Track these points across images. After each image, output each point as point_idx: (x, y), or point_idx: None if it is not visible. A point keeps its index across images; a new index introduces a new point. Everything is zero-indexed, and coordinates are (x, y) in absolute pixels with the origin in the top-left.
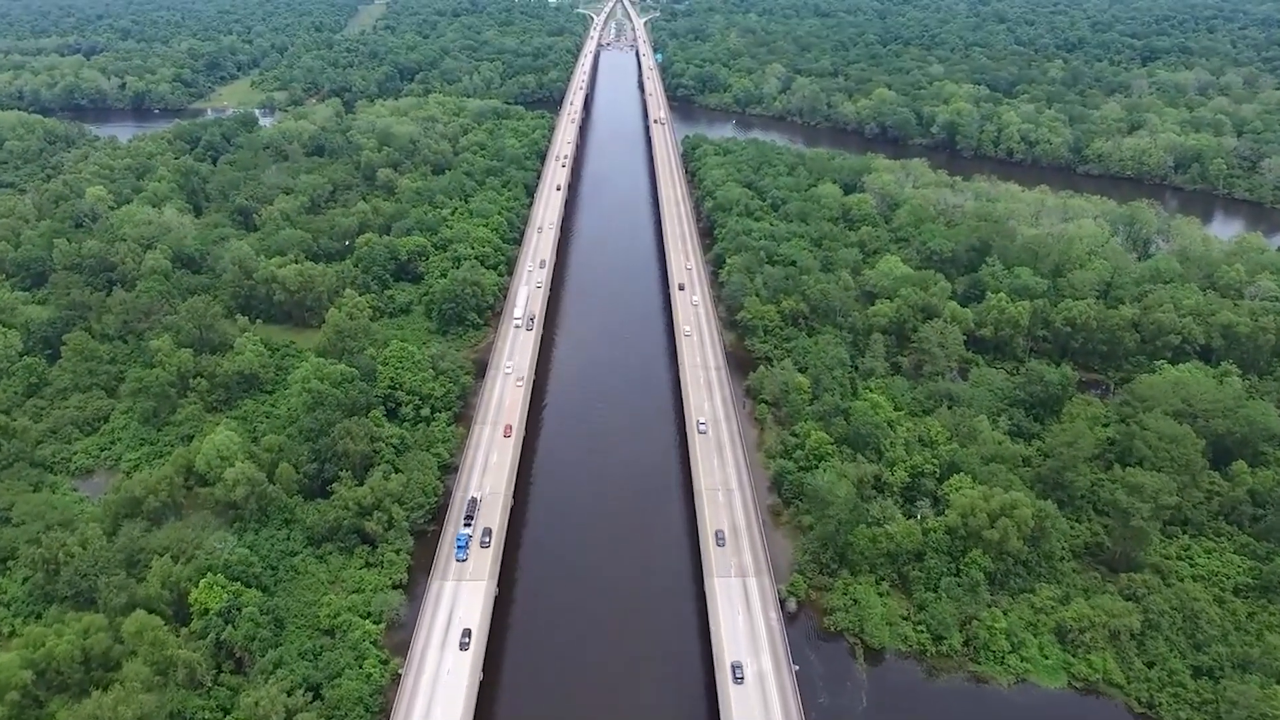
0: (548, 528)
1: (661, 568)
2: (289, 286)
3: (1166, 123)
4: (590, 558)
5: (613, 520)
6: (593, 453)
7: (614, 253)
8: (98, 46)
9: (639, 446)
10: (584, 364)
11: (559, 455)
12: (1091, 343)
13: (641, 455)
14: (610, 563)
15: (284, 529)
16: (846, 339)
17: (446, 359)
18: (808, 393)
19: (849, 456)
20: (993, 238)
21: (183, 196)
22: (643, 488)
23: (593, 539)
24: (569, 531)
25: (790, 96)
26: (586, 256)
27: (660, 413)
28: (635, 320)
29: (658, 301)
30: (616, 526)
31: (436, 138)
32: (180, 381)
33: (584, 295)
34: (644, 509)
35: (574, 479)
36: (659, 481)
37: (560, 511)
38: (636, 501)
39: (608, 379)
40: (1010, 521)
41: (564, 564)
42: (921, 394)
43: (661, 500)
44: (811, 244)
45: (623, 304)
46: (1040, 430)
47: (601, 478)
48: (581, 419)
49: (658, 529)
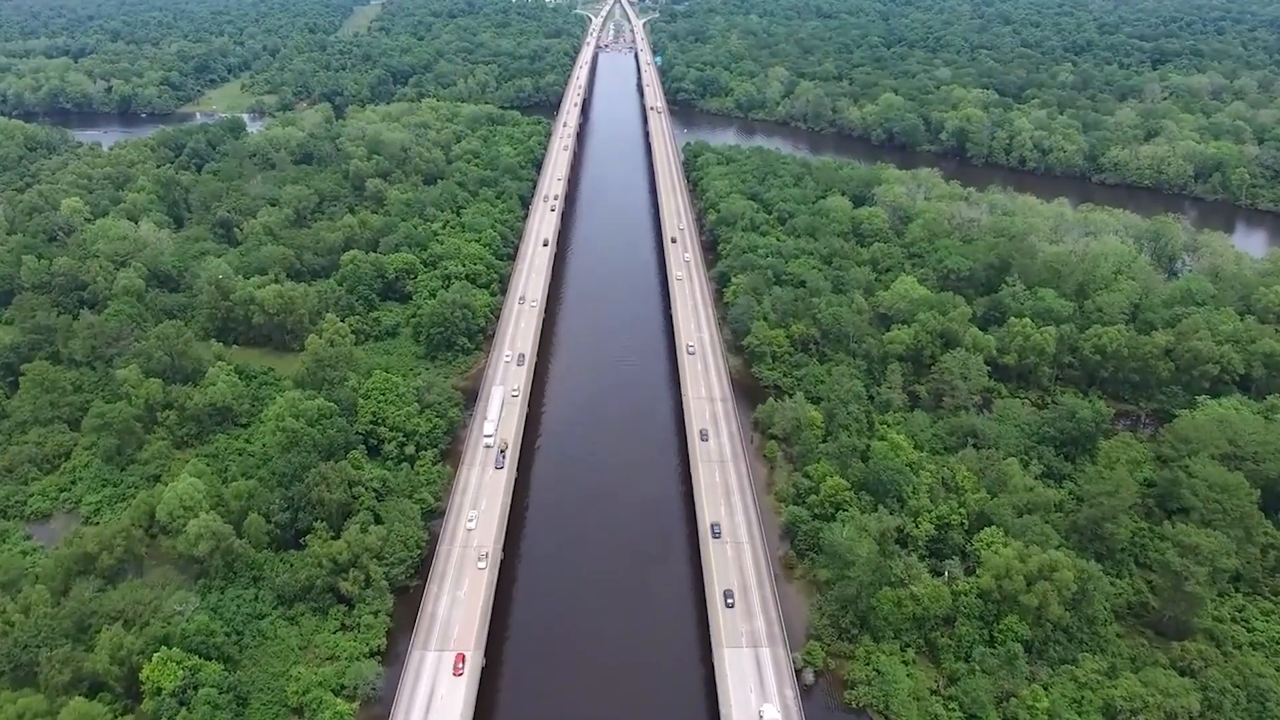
0: (538, 589)
1: (665, 638)
2: (268, 309)
3: (1184, 129)
4: (586, 624)
5: (611, 581)
6: (590, 496)
7: (612, 269)
8: (87, 48)
9: (641, 491)
10: (581, 395)
11: (552, 499)
12: (1122, 372)
13: (643, 500)
14: (609, 634)
15: (252, 587)
16: (860, 367)
17: (434, 390)
18: (821, 428)
19: (868, 504)
20: (1012, 255)
21: (163, 208)
22: (645, 539)
23: (589, 603)
24: (562, 593)
25: (794, 101)
26: (584, 274)
27: (663, 447)
28: (635, 344)
29: (659, 322)
30: (615, 588)
31: (429, 145)
32: (148, 414)
33: (581, 316)
34: (646, 566)
35: (569, 528)
36: (662, 531)
37: (552, 568)
38: (638, 558)
39: (606, 412)
40: (1050, 585)
41: (557, 634)
42: (943, 429)
43: (665, 554)
44: (821, 261)
45: (623, 326)
46: (1072, 470)
47: (600, 526)
48: (578, 459)
49: (661, 589)
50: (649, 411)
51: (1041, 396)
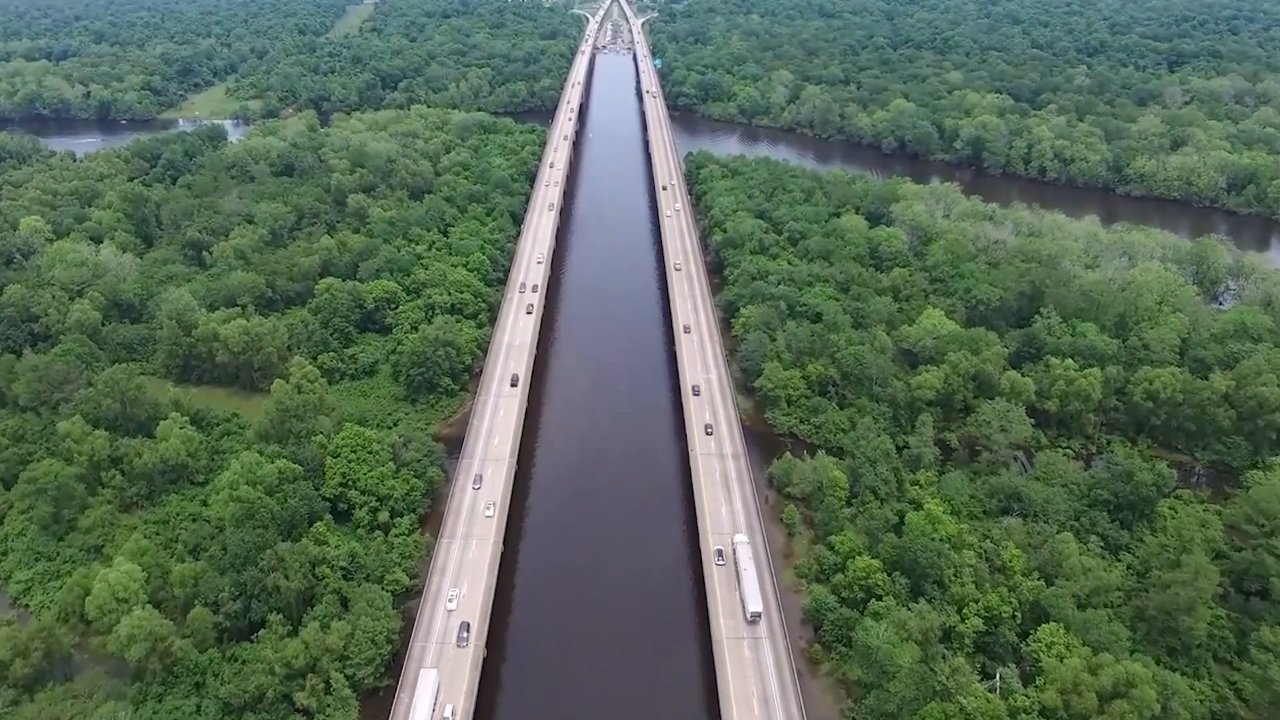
0: (527, 694)
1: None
2: (232, 347)
3: (1213, 138)
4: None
5: (611, 690)
6: (585, 575)
7: (610, 296)
8: (69, 50)
9: (642, 565)
10: (576, 449)
11: (543, 580)
12: (1176, 420)
13: (647, 580)
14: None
15: (194, 695)
16: (886, 413)
17: (412, 446)
18: (845, 489)
19: (903, 588)
20: (1045, 283)
21: (131, 227)
22: (649, 628)
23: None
24: (554, 706)
25: (799, 107)
26: (580, 302)
27: (669, 514)
28: (636, 388)
29: (662, 359)
30: (615, 699)
31: (416, 156)
32: (93, 472)
33: (577, 353)
34: (653, 666)
35: (563, 620)
36: (669, 622)
37: (543, 667)
38: (642, 656)
39: (604, 468)
40: (1128, 705)
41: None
42: (982, 491)
43: (673, 649)
44: (838, 289)
45: (621, 364)
46: (1130, 540)
47: (597, 615)
48: (571, 529)
49: (668, 696)
50: (652, 470)
51: (1085, 445)
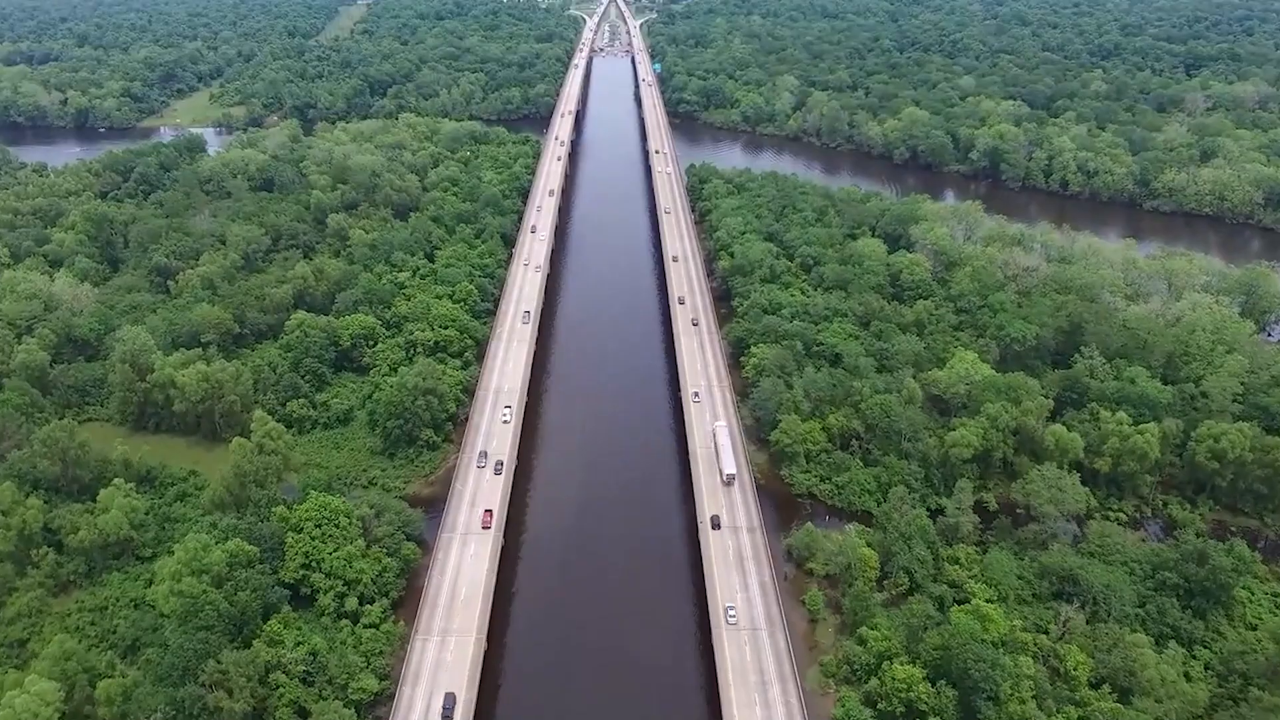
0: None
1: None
2: (190, 395)
3: (1244, 148)
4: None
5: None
6: (581, 675)
7: (609, 336)
8: (51, 54)
9: (648, 673)
10: (571, 517)
11: (536, 688)
12: (1244, 479)
13: (651, 688)
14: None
15: None
16: (918, 474)
17: (385, 519)
18: (875, 569)
19: (950, 704)
20: (1084, 318)
21: (94, 250)
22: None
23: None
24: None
25: (806, 114)
26: (576, 336)
27: (676, 595)
28: (636, 448)
29: (665, 411)
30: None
31: (402, 171)
32: (22, 548)
33: (574, 397)
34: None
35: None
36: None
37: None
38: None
39: (601, 547)
40: None
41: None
42: (1031, 571)
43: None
44: (857, 323)
45: (621, 413)
46: (1204, 632)
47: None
48: (568, 618)
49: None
50: (654, 542)
51: (1139, 507)
